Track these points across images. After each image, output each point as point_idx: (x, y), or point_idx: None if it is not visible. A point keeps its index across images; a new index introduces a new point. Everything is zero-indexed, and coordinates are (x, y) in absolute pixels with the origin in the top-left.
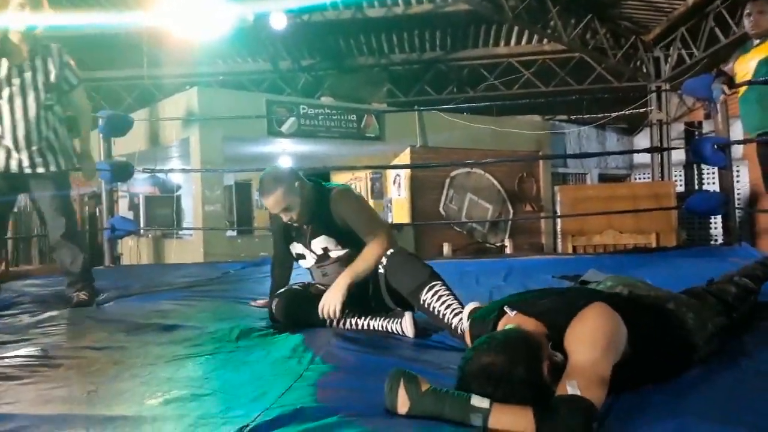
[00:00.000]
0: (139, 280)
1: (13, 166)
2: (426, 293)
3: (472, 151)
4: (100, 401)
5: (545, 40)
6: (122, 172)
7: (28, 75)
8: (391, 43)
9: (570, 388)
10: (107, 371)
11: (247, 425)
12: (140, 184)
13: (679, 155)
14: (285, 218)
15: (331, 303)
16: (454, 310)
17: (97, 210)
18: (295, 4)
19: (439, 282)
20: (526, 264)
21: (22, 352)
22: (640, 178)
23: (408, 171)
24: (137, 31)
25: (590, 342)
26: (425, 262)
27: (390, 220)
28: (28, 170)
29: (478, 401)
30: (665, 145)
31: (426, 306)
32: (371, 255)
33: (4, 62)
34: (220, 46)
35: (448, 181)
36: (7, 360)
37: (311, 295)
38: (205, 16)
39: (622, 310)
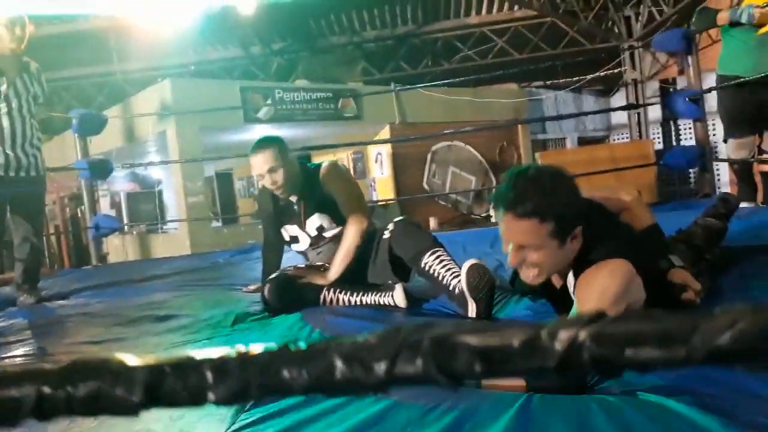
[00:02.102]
0: (129, 277)
1: (11, 170)
2: (428, 257)
3: (452, 124)
4: None
5: (516, 7)
6: (101, 169)
7: (21, 91)
8: (363, 20)
9: None
10: None
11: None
12: (120, 182)
13: (655, 113)
14: (269, 183)
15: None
16: (453, 272)
17: (79, 211)
18: None
19: (441, 248)
20: None
21: (20, 351)
22: (618, 139)
23: (389, 149)
24: (104, 26)
25: (597, 297)
26: (428, 230)
27: (375, 199)
28: (23, 173)
29: None
30: (641, 103)
31: (426, 269)
32: (350, 238)
33: (3, 80)
34: (190, 36)
35: (429, 155)
36: (6, 361)
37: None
38: (172, 6)
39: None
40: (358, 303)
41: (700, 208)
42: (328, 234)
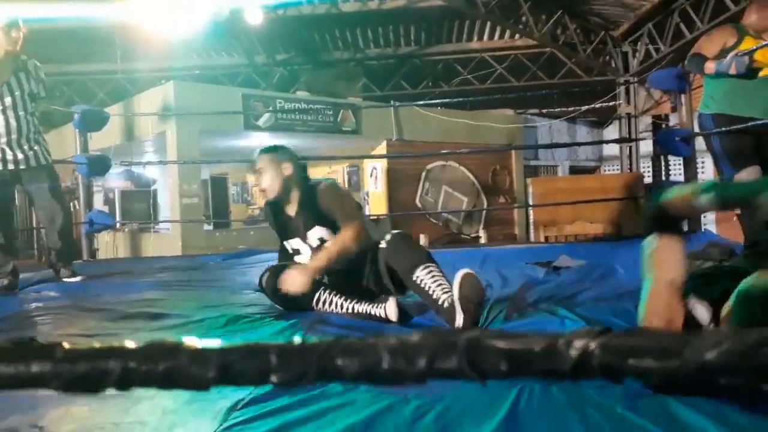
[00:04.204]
0: (122, 272)
1: (10, 164)
2: (420, 271)
3: (447, 145)
4: None
5: (517, 36)
6: (99, 165)
7: (16, 89)
8: (366, 37)
9: None
10: None
11: (243, 399)
12: (114, 179)
13: (647, 147)
14: (258, 186)
15: (294, 281)
16: (443, 288)
17: (72, 205)
18: (272, 1)
19: (433, 264)
20: (501, 252)
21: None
22: (609, 170)
23: (385, 164)
24: (111, 25)
25: None
26: (422, 246)
27: (367, 213)
28: (23, 165)
29: None
30: (633, 137)
31: (418, 283)
32: (341, 240)
33: None
34: (195, 41)
35: (424, 174)
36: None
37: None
38: (180, 11)
39: None
40: (350, 310)
41: (688, 242)
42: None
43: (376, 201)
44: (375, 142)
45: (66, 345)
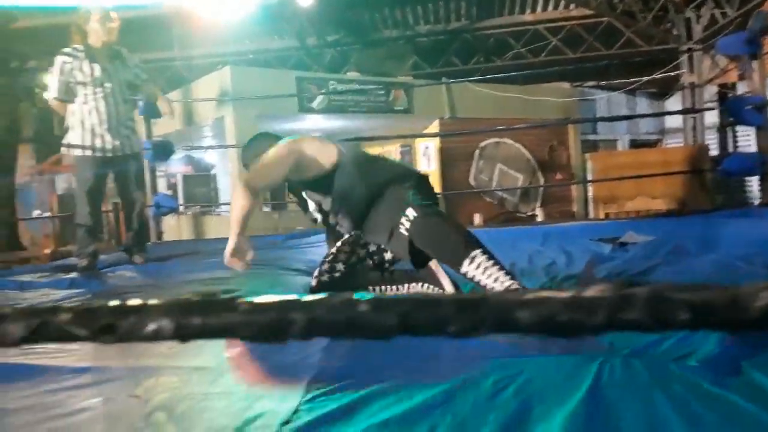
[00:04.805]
0: (191, 252)
1: (108, 151)
2: (467, 266)
3: (501, 121)
4: (185, 353)
5: (572, 5)
6: (164, 150)
7: (113, 77)
8: (416, 14)
9: None
10: None
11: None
12: (176, 164)
13: (712, 118)
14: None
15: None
16: (503, 282)
17: None
18: None
19: (477, 250)
20: (562, 230)
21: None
22: (672, 143)
23: (438, 143)
24: (167, 13)
25: None
26: (457, 224)
27: None
28: (119, 152)
29: None
30: (699, 108)
31: (470, 278)
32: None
33: (96, 66)
34: (247, 25)
35: (477, 152)
36: None
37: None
38: None
39: None
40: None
41: (761, 216)
42: (326, 206)
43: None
44: (427, 120)
45: (244, 299)
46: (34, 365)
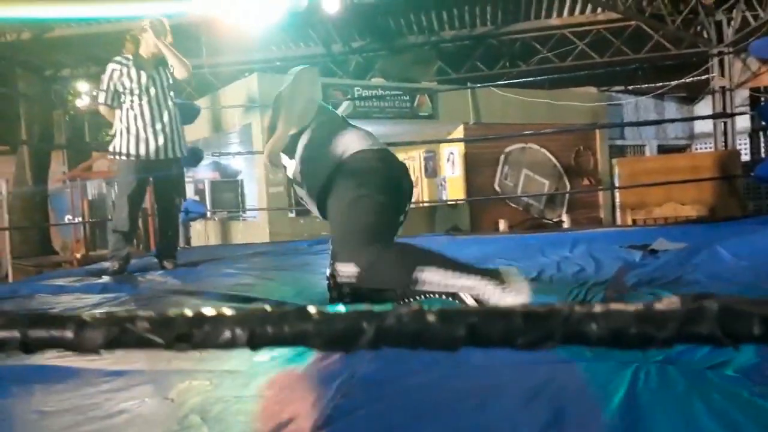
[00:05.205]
0: (219, 258)
1: (152, 153)
2: (422, 287)
3: (527, 126)
4: (216, 357)
5: (599, 9)
6: (194, 157)
7: (159, 82)
8: (441, 20)
9: None
10: None
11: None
12: (203, 170)
13: (743, 123)
14: None
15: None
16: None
17: None
18: None
19: (421, 270)
20: (590, 236)
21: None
22: (701, 148)
23: (462, 149)
24: (195, 21)
25: None
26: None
27: (445, 198)
28: (161, 155)
29: None
30: (730, 112)
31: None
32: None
33: (143, 73)
34: (274, 33)
35: (502, 157)
36: None
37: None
38: (261, 3)
39: None
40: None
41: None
42: (286, 164)
43: (453, 186)
44: (452, 126)
45: (314, 308)
46: (71, 367)
